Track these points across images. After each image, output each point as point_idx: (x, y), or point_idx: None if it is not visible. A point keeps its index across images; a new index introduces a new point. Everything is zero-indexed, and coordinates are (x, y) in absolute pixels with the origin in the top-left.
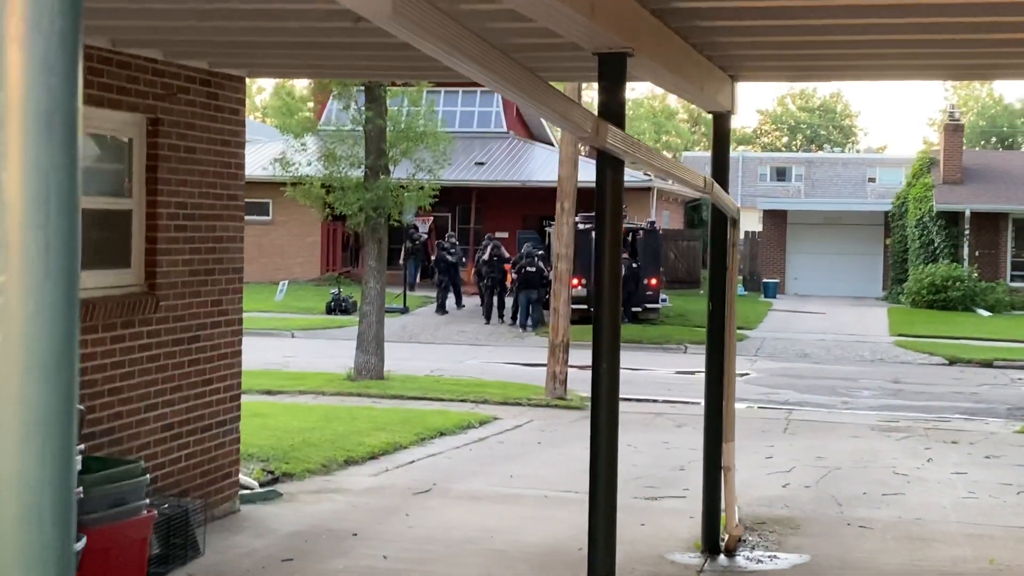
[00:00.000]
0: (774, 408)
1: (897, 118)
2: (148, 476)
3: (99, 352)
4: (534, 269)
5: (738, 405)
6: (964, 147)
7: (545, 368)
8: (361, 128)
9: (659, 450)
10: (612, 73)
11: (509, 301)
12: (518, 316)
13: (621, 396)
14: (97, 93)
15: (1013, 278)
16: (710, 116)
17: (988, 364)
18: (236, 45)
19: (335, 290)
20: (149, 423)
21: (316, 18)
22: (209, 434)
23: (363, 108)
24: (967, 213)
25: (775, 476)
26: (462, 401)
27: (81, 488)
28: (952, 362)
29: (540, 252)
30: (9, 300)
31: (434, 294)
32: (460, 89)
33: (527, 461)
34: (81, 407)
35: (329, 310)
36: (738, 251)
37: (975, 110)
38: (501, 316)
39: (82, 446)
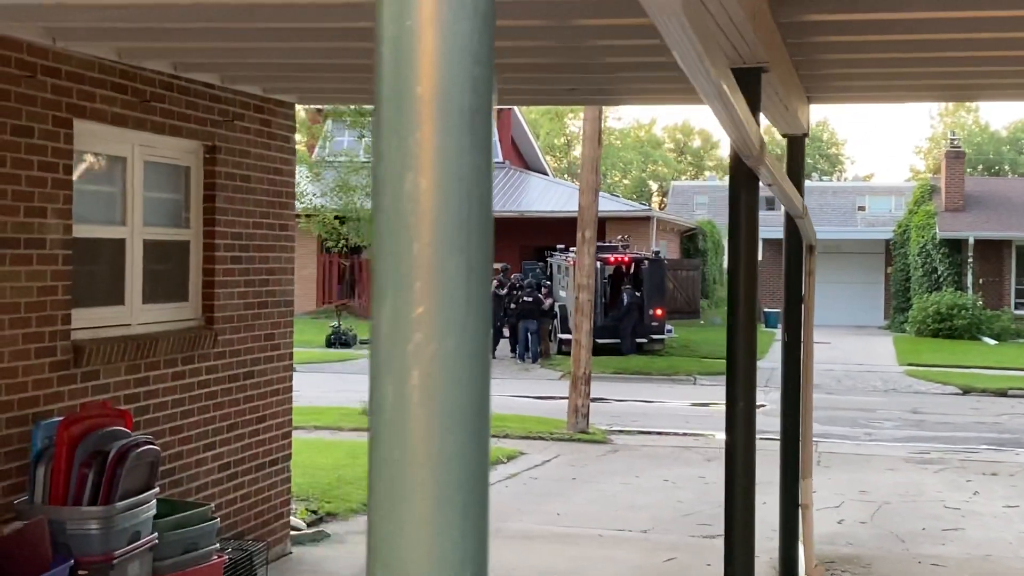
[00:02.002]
0: None
1: (883, 146)
2: (218, 520)
3: (161, 389)
4: (531, 299)
5: (761, 438)
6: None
7: (557, 401)
8: None
9: (698, 485)
10: (749, 90)
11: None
12: (517, 347)
13: (641, 429)
14: (159, 120)
15: (1018, 306)
16: (784, 139)
17: (1002, 393)
18: (290, 68)
19: (335, 323)
20: (207, 463)
21: None
22: (262, 473)
23: None
24: (971, 241)
25: (826, 512)
26: None
27: (156, 534)
28: (966, 391)
29: (531, 282)
30: (427, 337)
31: None
32: None
33: (568, 499)
34: (156, 447)
35: (329, 343)
36: (814, 279)
37: (961, 137)
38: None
39: (157, 488)
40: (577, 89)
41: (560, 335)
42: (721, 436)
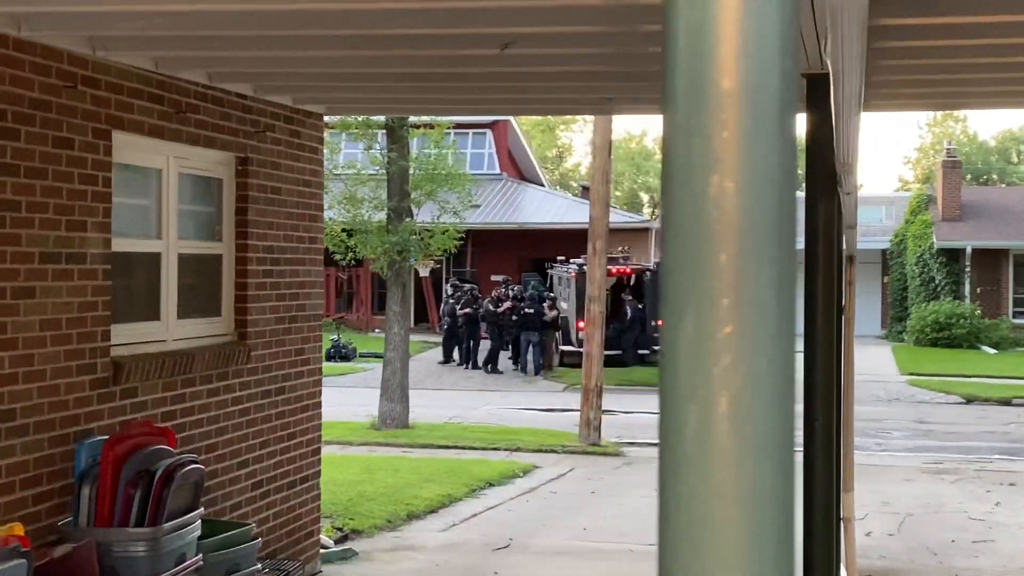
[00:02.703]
0: None
1: (871, 157)
2: (260, 540)
3: (197, 406)
4: (532, 311)
5: None
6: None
7: (565, 414)
8: (383, 169)
9: None
10: (821, 97)
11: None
12: (519, 360)
13: (653, 441)
14: (194, 131)
15: (1016, 314)
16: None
17: (1007, 402)
18: (320, 78)
19: (334, 336)
20: (240, 481)
21: (455, 45)
22: (294, 491)
23: (385, 149)
24: (968, 250)
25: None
26: (495, 449)
27: (201, 555)
28: (969, 400)
29: (531, 294)
30: (737, 359)
31: (438, 340)
32: (452, 131)
33: (592, 513)
34: (201, 466)
35: (329, 357)
36: (854, 289)
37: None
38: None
39: (202, 509)
40: (615, 99)
41: (562, 347)
42: None
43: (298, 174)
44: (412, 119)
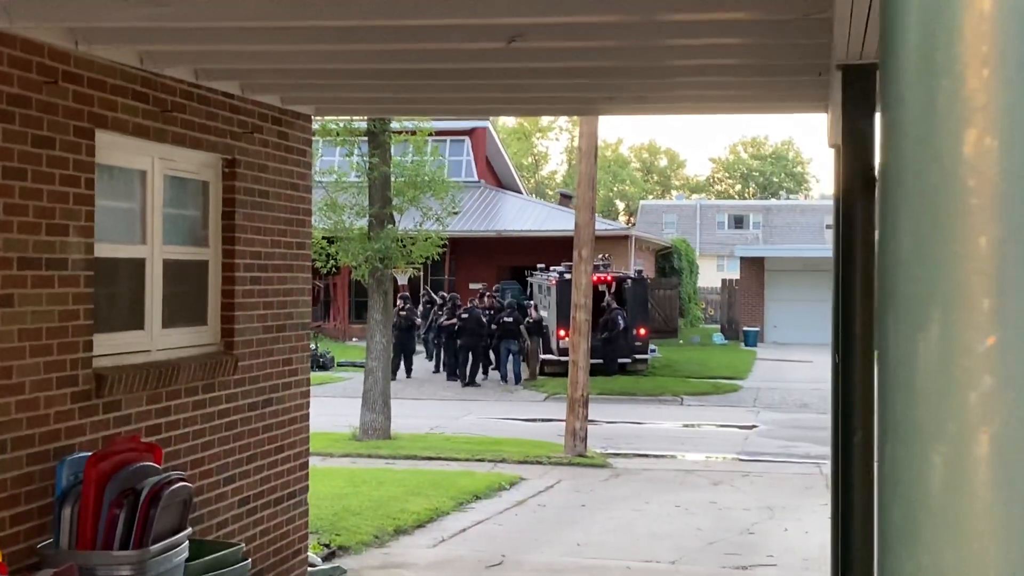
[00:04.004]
0: (801, 463)
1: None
2: (250, 562)
3: (182, 420)
4: (512, 320)
5: (764, 460)
6: None
7: (547, 424)
8: (365, 175)
9: (712, 511)
10: (860, 90)
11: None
12: (500, 369)
13: (638, 452)
14: (180, 131)
15: None
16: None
17: None
18: (309, 75)
19: (312, 345)
20: (227, 497)
21: (457, 38)
22: (281, 507)
23: (366, 155)
24: None
25: None
26: (479, 461)
27: None
28: None
29: (511, 302)
30: (1002, 381)
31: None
32: (430, 138)
33: (584, 527)
34: (189, 484)
35: None
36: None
37: None
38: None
39: (190, 530)
40: (615, 98)
41: (542, 355)
42: (723, 458)
43: (286, 177)
44: (394, 125)
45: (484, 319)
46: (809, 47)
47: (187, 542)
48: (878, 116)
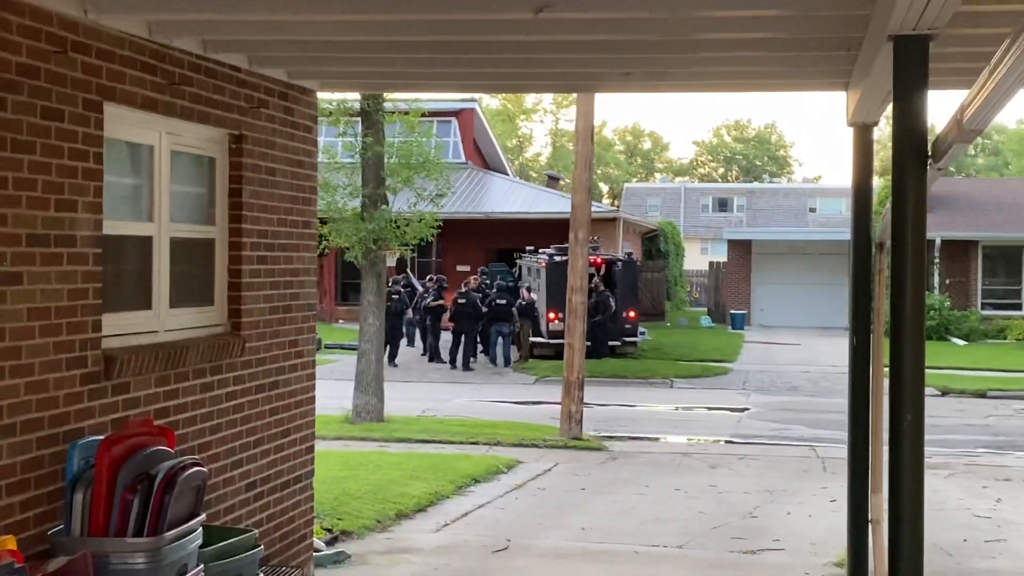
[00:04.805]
0: (796, 445)
1: (830, 149)
2: (262, 547)
3: (190, 403)
4: (503, 302)
5: (758, 443)
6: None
7: (539, 407)
8: (358, 155)
9: (713, 495)
10: (913, 62)
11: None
12: (490, 351)
13: (633, 435)
14: (188, 105)
15: (984, 306)
16: (851, 129)
17: (982, 395)
18: (316, 47)
19: None
20: (235, 482)
21: (480, 8)
22: (288, 491)
23: (360, 135)
24: (937, 241)
25: None
26: (474, 444)
27: (202, 566)
28: (944, 392)
29: (499, 284)
30: None
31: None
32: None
33: (587, 511)
34: (204, 469)
35: None
36: (885, 280)
37: None
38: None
39: (204, 515)
40: (632, 73)
41: (532, 338)
42: (716, 441)
43: (292, 154)
44: (387, 105)
45: (479, 302)
46: (843, 20)
47: (201, 528)
48: None
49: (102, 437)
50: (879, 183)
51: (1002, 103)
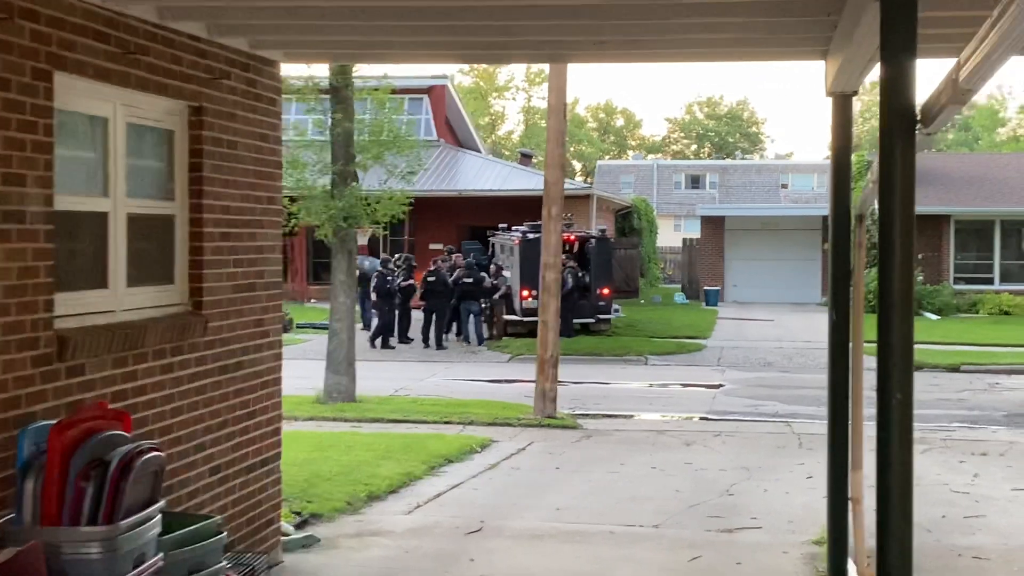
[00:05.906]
0: (771, 421)
1: (802, 125)
2: (225, 534)
3: (149, 385)
4: (472, 280)
5: (733, 419)
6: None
7: (512, 385)
8: (327, 132)
9: (688, 472)
10: (902, 21)
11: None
12: (462, 330)
13: (608, 412)
14: (144, 75)
15: (956, 280)
16: (830, 99)
17: (955, 369)
18: (279, 14)
19: None
20: (198, 465)
21: None
22: (253, 475)
23: (330, 111)
24: None
25: None
26: (447, 423)
27: (161, 554)
28: (918, 367)
29: (470, 262)
30: None
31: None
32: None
33: (562, 491)
34: (162, 454)
35: None
36: (864, 252)
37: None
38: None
39: (163, 502)
40: (607, 42)
41: (505, 316)
42: (691, 418)
43: (255, 127)
44: (356, 82)
45: (449, 280)
46: None
47: (160, 516)
48: None
49: (54, 422)
50: (853, 158)
51: (1004, 58)
